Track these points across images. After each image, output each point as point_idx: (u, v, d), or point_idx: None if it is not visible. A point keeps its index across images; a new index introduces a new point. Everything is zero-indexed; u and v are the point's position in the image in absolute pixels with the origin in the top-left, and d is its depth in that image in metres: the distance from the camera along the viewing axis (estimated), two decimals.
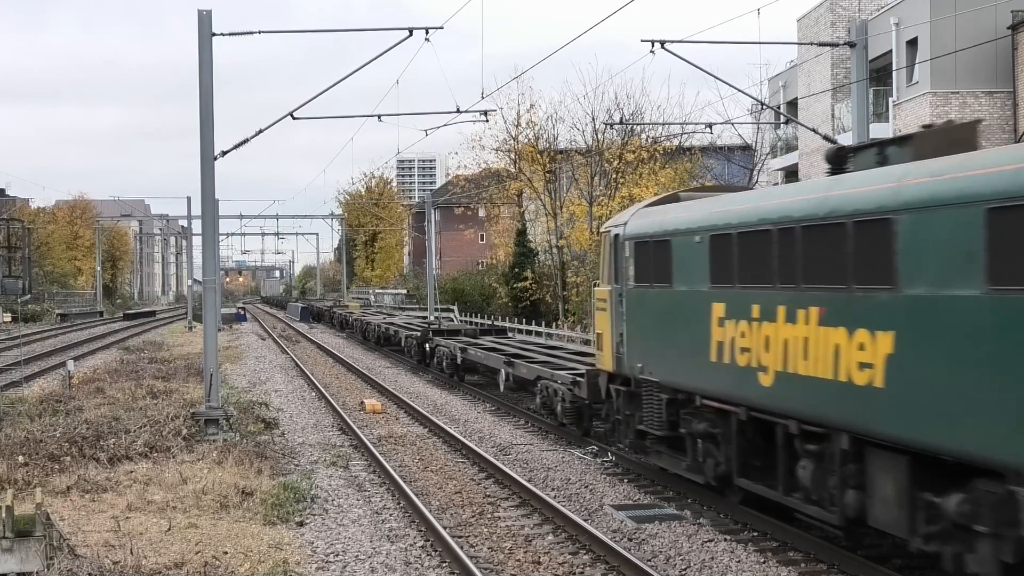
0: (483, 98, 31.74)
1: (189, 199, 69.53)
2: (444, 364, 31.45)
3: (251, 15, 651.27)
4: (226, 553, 12.09)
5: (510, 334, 40.05)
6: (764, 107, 47.02)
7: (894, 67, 39.99)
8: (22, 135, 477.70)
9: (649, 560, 12.04)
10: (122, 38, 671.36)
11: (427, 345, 34.08)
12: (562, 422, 20.58)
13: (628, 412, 16.46)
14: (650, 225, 15.55)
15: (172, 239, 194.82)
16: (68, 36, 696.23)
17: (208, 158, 21.49)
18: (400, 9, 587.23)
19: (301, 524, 13.89)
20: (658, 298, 15.13)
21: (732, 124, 48.38)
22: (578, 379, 19.53)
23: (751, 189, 21.33)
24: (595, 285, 19.70)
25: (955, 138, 10.88)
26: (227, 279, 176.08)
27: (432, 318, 54.19)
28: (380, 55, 22.31)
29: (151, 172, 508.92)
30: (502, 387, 25.69)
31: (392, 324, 44.58)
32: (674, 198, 16.21)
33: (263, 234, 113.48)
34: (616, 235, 16.81)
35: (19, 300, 50.89)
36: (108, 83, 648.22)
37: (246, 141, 22.79)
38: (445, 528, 13.30)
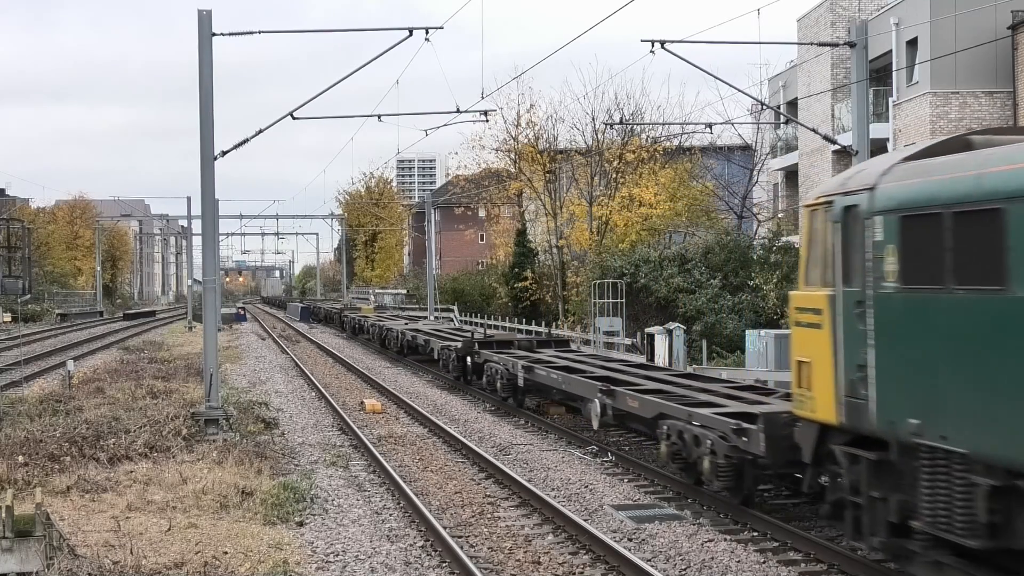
0: (483, 98, 31.85)
1: (189, 199, 69.62)
2: (498, 385, 24.89)
3: (259, 16, 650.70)
4: (226, 553, 12.09)
5: (574, 345, 33.43)
6: (764, 107, 47.02)
7: (894, 67, 40.00)
8: (29, 135, 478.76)
9: (649, 560, 12.04)
10: (130, 38, 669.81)
11: (469, 359, 28.05)
12: (700, 480, 14.93)
13: (876, 493, 10.50)
14: (940, 187, 9.81)
15: (172, 239, 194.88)
16: (77, 36, 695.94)
17: (208, 158, 21.51)
18: (409, 9, 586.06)
19: (301, 524, 13.89)
20: (967, 311, 9.26)
21: (732, 124, 48.34)
22: (746, 427, 13.31)
23: None
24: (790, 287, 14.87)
25: None
26: (227, 279, 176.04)
27: (427, 317, 54.20)
28: (380, 55, 22.36)
29: (155, 172, 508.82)
30: (595, 423, 18.80)
31: (418, 332, 37.61)
32: (962, 144, 10.63)
33: (263, 234, 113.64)
34: (849, 207, 11.08)
35: (19, 300, 50.87)
36: (115, 83, 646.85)
37: (246, 141, 22.81)
38: (445, 528, 13.30)
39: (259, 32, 22.31)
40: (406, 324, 43.44)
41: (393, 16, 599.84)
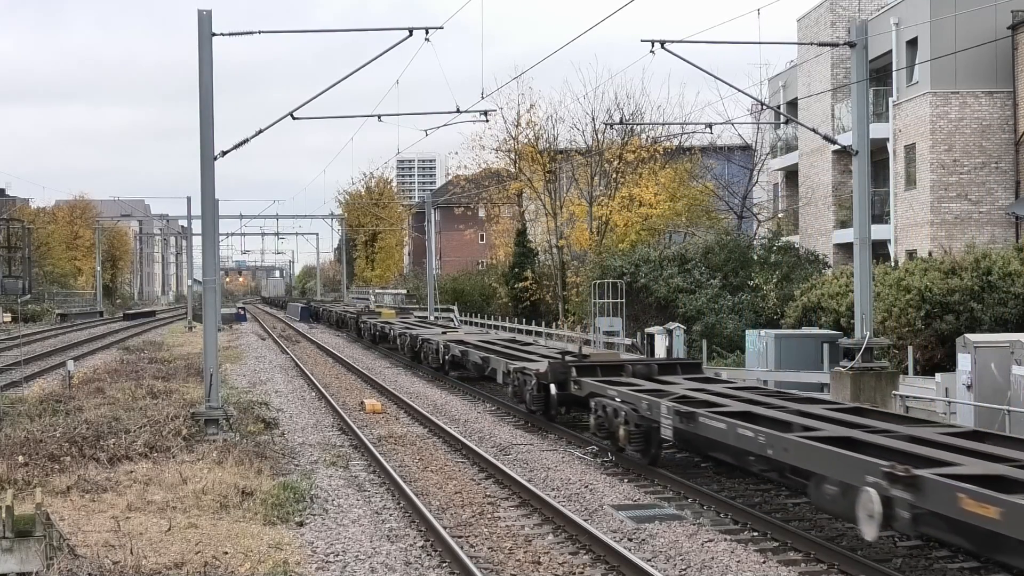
0: (483, 98, 31.90)
1: (189, 199, 69.58)
2: (621, 432, 17.10)
3: (266, 16, 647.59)
4: (226, 553, 12.09)
5: (710, 371, 23.96)
6: (764, 107, 47.03)
7: (894, 67, 40.01)
8: (36, 135, 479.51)
9: (649, 560, 12.04)
10: (137, 38, 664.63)
11: (556, 388, 20.90)
12: None
13: None
14: None
15: (172, 239, 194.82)
16: (85, 36, 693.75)
17: (208, 158, 21.50)
18: (417, 10, 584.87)
19: (301, 524, 13.89)
20: None
21: (732, 124, 48.36)
22: None
23: None
24: None
25: None
26: (227, 279, 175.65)
27: (428, 316, 54.14)
28: (380, 55, 22.34)
29: (160, 172, 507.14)
30: (870, 530, 10.69)
31: (468, 346, 29.87)
32: None
33: (263, 234, 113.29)
34: None
35: (19, 300, 50.93)
36: (123, 83, 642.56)
37: (246, 141, 22.80)
38: (445, 528, 13.30)
39: (259, 32, 22.29)
40: (443, 334, 35.16)
41: (399, 17, 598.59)
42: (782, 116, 47.66)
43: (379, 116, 29.45)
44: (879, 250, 36.67)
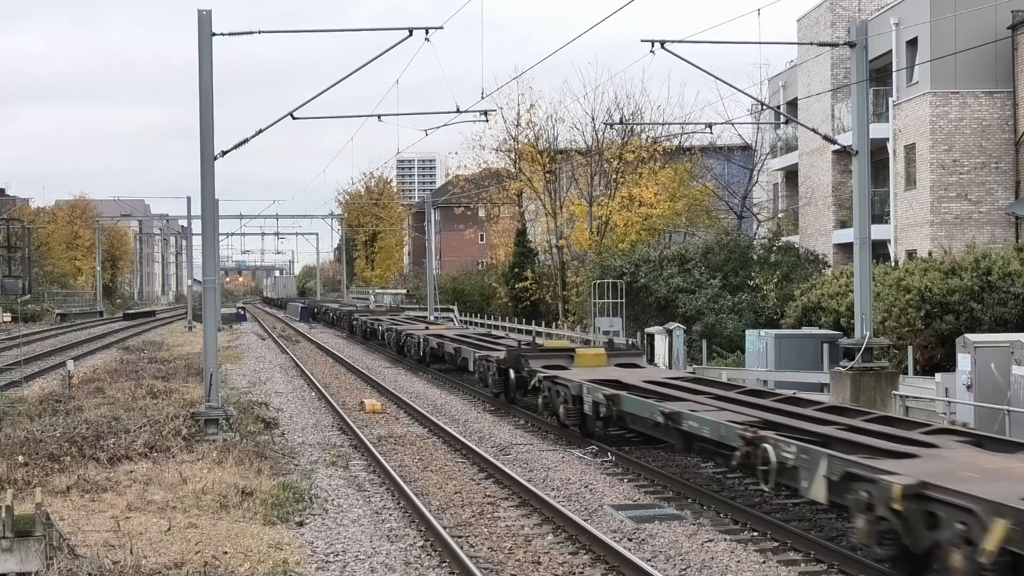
0: (483, 98, 31.93)
1: (189, 199, 69.49)
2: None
3: (306, 15, 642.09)
4: (226, 553, 12.09)
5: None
6: (764, 107, 47.01)
7: (894, 67, 40.01)
8: (56, 135, 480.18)
9: (649, 560, 12.04)
10: (172, 37, 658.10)
11: None
12: None
13: None
14: None
15: (172, 239, 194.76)
16: (121, 36, 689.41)
17: (208, 158, 21.49)
18: (450, 9, 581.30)
19: (301, 524, 13.89)
20: None
21: (732, 124, 48.32)
22: None
23: None
24: None
25: None
26: (227, 279, 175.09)
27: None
28: (380, 55, 22.32)
29: (173, 171, 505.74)
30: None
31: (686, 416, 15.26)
32: None
33: (263, 234, 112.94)
34: None
35: (19, 300, 50.91)
36: (154, 82, 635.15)
37: (245, 141, 22.79)
38: (445, 528, 13.30)
39: (258, 32, 22.27)
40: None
41: (432, 15, 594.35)
42: (782, 116, 47.66)
43: (379, 116, 29.45)
44: (879, 250, 36.65)
